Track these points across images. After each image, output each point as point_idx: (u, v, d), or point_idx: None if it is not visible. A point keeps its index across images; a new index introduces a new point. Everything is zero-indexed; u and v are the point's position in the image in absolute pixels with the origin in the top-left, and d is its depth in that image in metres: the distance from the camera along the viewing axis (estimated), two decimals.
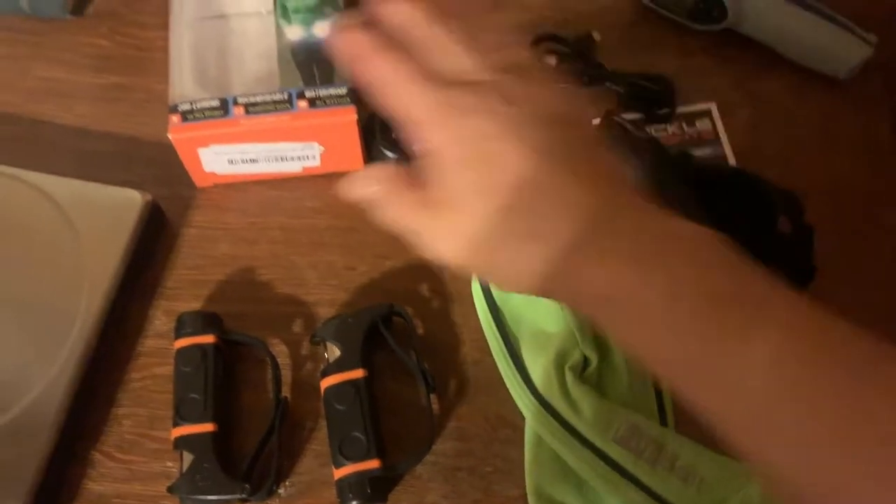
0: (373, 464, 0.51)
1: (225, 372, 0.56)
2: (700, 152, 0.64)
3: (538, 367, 0.54)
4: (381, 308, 0.56)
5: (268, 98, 0.58)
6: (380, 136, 0.63)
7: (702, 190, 0.59)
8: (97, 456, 0.55)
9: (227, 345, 0.57)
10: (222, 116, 0.57)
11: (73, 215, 0.58)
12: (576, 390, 0.52)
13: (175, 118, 0.58)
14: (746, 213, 0.58)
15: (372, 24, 0.38)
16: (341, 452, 0.51)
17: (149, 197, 0.59)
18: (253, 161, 0.60)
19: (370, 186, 0.39)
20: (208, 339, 0.55)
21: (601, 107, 0.65)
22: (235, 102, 0.58)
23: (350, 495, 0.50)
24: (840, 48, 0.65)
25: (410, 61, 0.36)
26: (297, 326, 0.59)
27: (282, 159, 0.60)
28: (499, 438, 0.55)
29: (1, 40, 0.70)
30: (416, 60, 0.36)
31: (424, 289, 0.60)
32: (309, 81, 0.59)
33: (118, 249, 0.58)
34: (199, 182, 0.62)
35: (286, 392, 0.56)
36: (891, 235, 0.61)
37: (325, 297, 0.59)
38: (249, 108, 0.57)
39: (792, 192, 0.56)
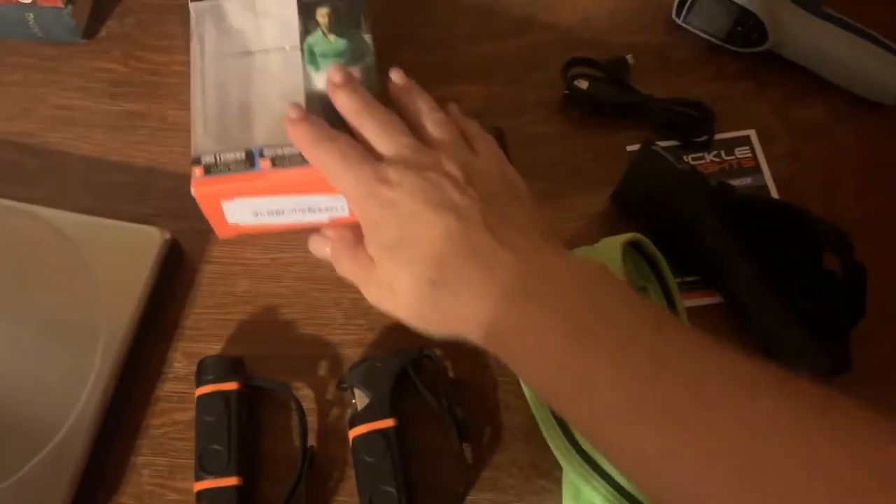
0: None
1: (249, 419, 0.54)
2: (739, 182, 0.61)
3: None
4: (410, 352, 0.54)
5: (296, 150, 0.54)
6: None
7: (744, 222, 0.56)
8: None
9: (250, 390, 0.55)
10: (248, 169, 0.54)
11: (88, 255, 0.56)
12: None
13: (198, 171, 0.54)
14: (792, 248, 0.55)
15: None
16: None
17: (167, 234, 0.57)
18: (279, 213, 0.57)
19: (324, 246, 0.50)
20: (231, 385, 0.53)
21: (637, 134, 0.63)
22: (262, 154, 0.54)
23: None
24: (885, 71, 0.62)
25: (348, 146, 0.47)
26: (323, 369, 0.56)
27: (309, 210, 0.57)
28: (534, 489, 0.52)
29: (14, 66, 0.67)
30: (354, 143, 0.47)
31: None
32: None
33: (136, 290, 0.55)
34: (220, 233, 0.59)
35: (312, 439, 0.54)
36: None
37: (351, 337, 0.57)
38: (276, 161, 0.54)
39: (839, 228, 0.53)
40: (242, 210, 0.56)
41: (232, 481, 0.51)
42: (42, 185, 0.62)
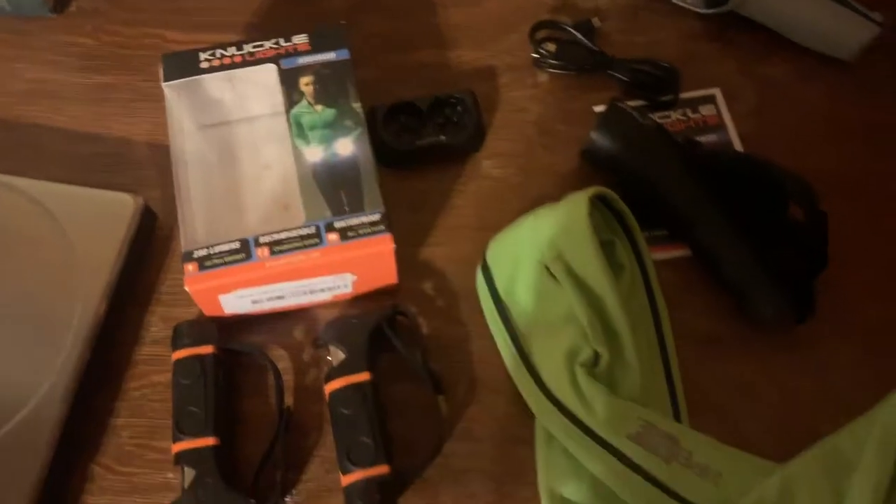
0: (381, 469, 0.49)
1: (225, 381, 0.54)
2: (705, 139, 0.62)
3: (548, 364, 0.53)
4: (384, 309, 0.55)
5: (293, 234, 0.51)
6: (382, 127, 0.61)
7: (710, 176, 0.57)
8: (96, 469, 0.53)
9: (226, 354, 0.55)
10: (245, 260, 0.51)
11: (64, 222, 0.56)
12: (587, 387, 0.51)
13: (191, 267, 0.51)
14: (757, 200, 0.57)
15: None
16: (349, 458, 0.50)
17: (141, 200, 0.58)
18: (279, 298, 0.54)
19: None
20: (206, 349, 0.54)
21: (605, 95, 0.64)
22: (258, 243, 0.51)
23: (359, 501, 0.49)
24: (845, 28, 0.64)
25: None
26: (299, 332, 0.57)
27: (311, 292, 0.55)
28: (509, 438, 0.53)
29: None
30: None
31: (428, 287, 0.58)
32: (336, 208, 0.52)
33: (111, 255, 0.56)
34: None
35: (289, 399, 0.55)
36: None
37: (326, 300, 0.58)
38: (274, 248, 0.51)
39: (803, 179, 0.55)
40: (241, 301, 0.53)
41: (209, 441, 0.51)
42: (16, 158, 0.63)
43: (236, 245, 0.51)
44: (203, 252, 0.51)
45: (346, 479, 0.50)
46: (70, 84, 0.66)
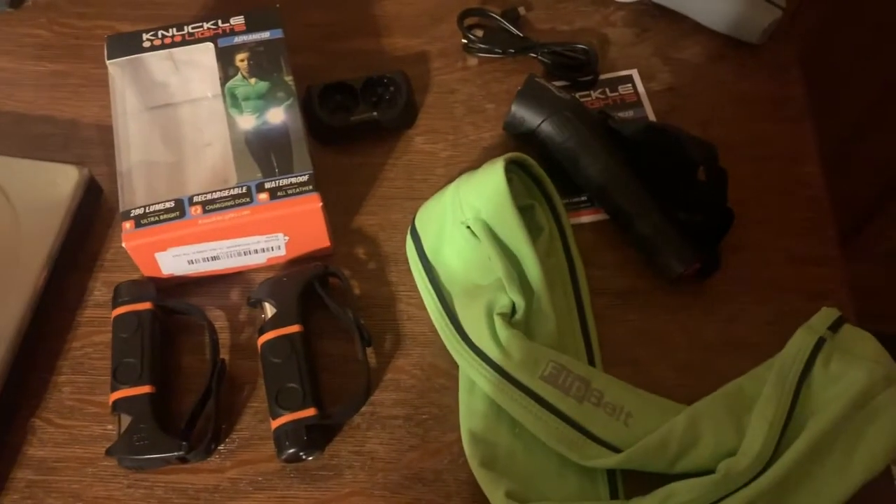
0: (309, 412, 0.52)
1: (163, 339, 0.57)
2: (623, 114, 0.67)
3: (469, 316, 0.56)
4: (316, 268, 0.58)
5: (226, 194, 0.54)
6: (317, 105, 0.65)
7: (624, 145, 0.61)
8: (37, 422, 0.55)
9: (164, 313, 0.58)
10: (179, 218, 0.54)
11: (10, 191, 0.59)
12: (504, 334, 0.54)
13: (128, 224, 0.54)
14: (667, 165, 0.60)
15: None
16: (277, 403, 0.52)
17: (86, 171, 0.61)
18: (214, 259, 0.57)
19: None
20: (144, 305, 0.56)
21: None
22: (192, 202, 0.54)
23: (287, 443, 0.51)
24: (751, 13, 0.68)
25: None
26: (235, 294, 0.60)
27: (245, 253, 0.57)
28: (434, 388, 0.56)
29: None
30: None
31: (361, 252, 0.62)
32: (267, 171, 0.55)
33: (56, 223, 0.59)
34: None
35: (225, 354, 0.57)
36: (805, 188, 0.64)
37: (262, 264, 0.61)
38: (207, 207, 0.54)
39: (705, 140, 0.59)
40: (177, 260, 0.56)
41: (145, 389, 0.53)
42: None
43: (171, 204, 0.55)
44: (140, 211, 0.54)
45: (276, 423, 0.52)
46: (24, 72, 0.70)
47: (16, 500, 0.53)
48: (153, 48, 0.61)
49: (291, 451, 0.51)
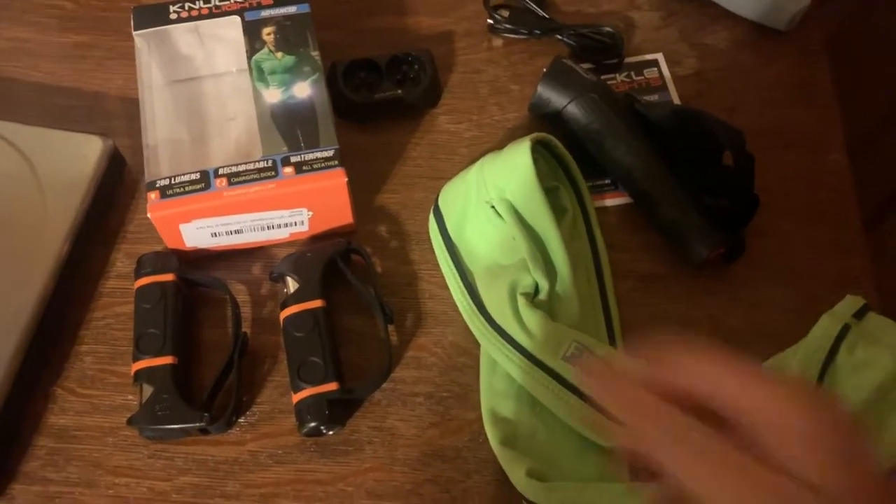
0: (330, 386, 0.52)
1: (185, 311, 0.57)
2: (648, 98, 0.66)
3: (492, 296, 0.56)
4: (339, 244, 0.58)
5: (251, 167, 0.54)
6: (342, 81, 0.64)
7: (649, 128, 0.61)
8: (59, 391, 0.55)
9: (187, 285, 0.58)
10: (204, 189, 0.54)
11: (35, 160, 0.59)
12: (527, 314, 0.54)
13: (153, 195, 0.54)
14: (693, 149, 0.60)
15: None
16: (299, 376, 0.52)
17: (110, 142, 0.61)
18: (238, 232, 0.57)
19: None
20: (167, 277, 0.56)
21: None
22: (217, 174, 0.54)
23: (308, 416, 0.51)
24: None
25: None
26: (257, 268, 0.60)
27: (268, 228, 0.57)
28: (455, 366, 0.56)
29: None
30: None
31: (383, 230, 0.62)
32: (293, 145, 0.55)
33: (79, 193, 0.59)
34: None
35: (247, 328, 0.57)
36: (831, 176, 0.63)
37: (284, 239, 0.61)
38: (232, 179, 0.54)
39: (732, 125, 0.58)
40: (200, 232, 0.56)
41: (167, 360, 0.54)
42: None
43: (196, 175, 0.54)
44: (165, 182, 0.54)
45: (297, 397, 0.52)
46: (49, 43, 0.70)
47: (37, 466, 0.53)
48: (180, 20, 0.61)
49: (312, 424, 0.52)
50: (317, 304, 0.55)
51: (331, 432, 0.53)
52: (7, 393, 0.52)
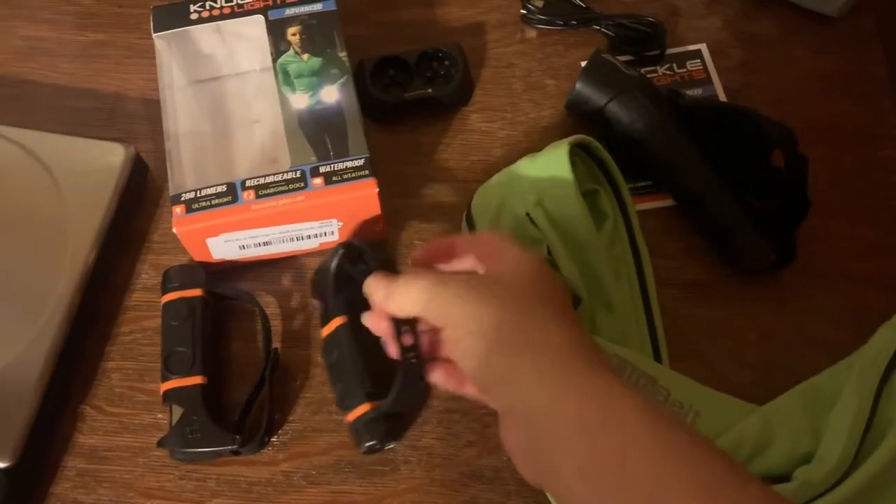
0: (375, 403, 0.50)
1: (214, 326, 0.56)
2: (692, 92, 0.63)
3: None
4: (332, 254, 0.53)
5: (279, 178, 0.52)
6: (370, 81, 0.62)
7: (694, 126, 0.58)
8: (87, 410, 0.54)
9: (215, 299, 0.56)
10: (231, 203, 0.51)
11: (55, 170, 0.57)
12: None
13: (179, 209, 0.51)
14: (740, 148, 0.57)
15: None
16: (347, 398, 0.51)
17: (132, 149, 0.59)
18: (266, 244, 0.55)
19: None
20: (195, 292, 0.55)
21: (592, 51, 0.64)
22: (244, 186, 0.52)
23: (366, 435, 0.50)
24: None
25: None
26: (287, 280, 0.58)
27: (297, 239, 0.55)
28: None
29: None
30: None
31: (415, 236, 0.59)
32: (321, 153, 0.53)
33: (102, 203, 0.57)
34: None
35: (276, 342, 0.56)
36: (884, 173, 0.60)
37: (314, 248, 0.59)
38: (260, 192, 0.52)
39: (783, 124, 0.55)
40: (228, 245, 0.54)
41: (197, 380, 0.52)
42: (11, 112, 0.64)
43: (223, 188, 0.52)
44: (191, 195, 0.52)
45: (352, 416, 0.51)
46: (65, 42, 0.67)
47: (68, 488, 0.52)
48: (201, 20, 0.58)
49: (371, 443, 0.50)
50: (340, 321, 0.52)
51: (389, 446, 0.52)
52: (35, 413, 0.51)
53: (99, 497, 0.52)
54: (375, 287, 0.44)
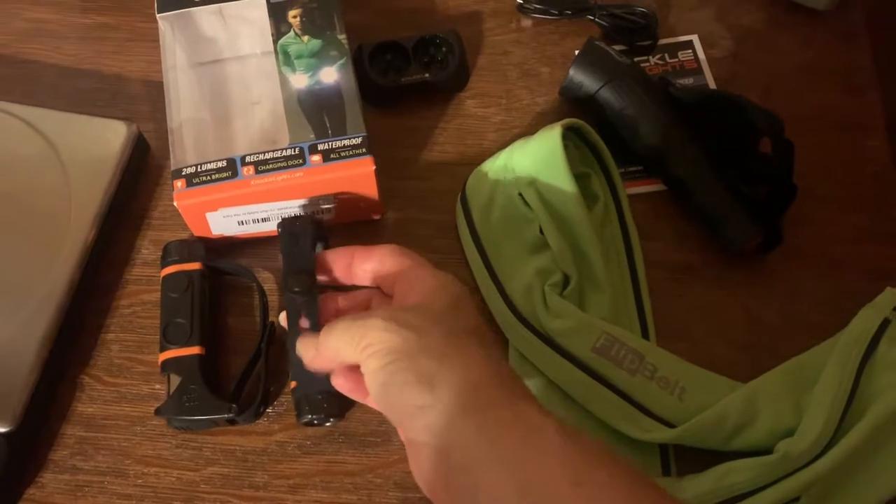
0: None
1: (212, 299, 0.57)
2: (683, 82, 0.64)
3: (518, 286, 0.55)
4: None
5: (278, 154, 0.53)
6: (368, 65, 0.63)
7: (684, 112, 0.59)
8: (86, 379, 0.55)
9: (213, 273, 0.57)
10: (231, 178, 0.53)
11: (59, 146, 0.58)
12: (555, 304, 0.53)
13: (179, 183, 0.53)
14: (729, 134, 0.58)
15: None
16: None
17: (134, 127, 0.60)
18: (265, 220, 0.56)
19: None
20: (194, 265, 0.56)
21: (585, 39, 0.66)
22: (244, 162, 0.53)
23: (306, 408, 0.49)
24: None
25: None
26: None
27: None
28: None
29: None
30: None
31: (410, 217, 0.60)
32: (320, 132, 0.54)
33: (104, 179, 0.58)
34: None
35: (273, 317, 0.57)
36: (871, 162, 0.62)
37: None
38: (259, 167, 0.53)
39: (771, 111, 0.56)
40: (227, 220, 0.55)
41: (195, 350, 0.53)
42: (15, 91, 0.65)
43: (223, 164, 0.54)
44: (192, 170, 0.53)
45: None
46: (69, 24, 0.69)
47: (66, 455, 0.53)
48: (204, 2, 0.59)
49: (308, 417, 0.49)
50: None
51: (327, 424, 0.52)
52: (35, 380, 0.52)
53: (97, 464, 0.53)
54: (305, 349, 0.46)
